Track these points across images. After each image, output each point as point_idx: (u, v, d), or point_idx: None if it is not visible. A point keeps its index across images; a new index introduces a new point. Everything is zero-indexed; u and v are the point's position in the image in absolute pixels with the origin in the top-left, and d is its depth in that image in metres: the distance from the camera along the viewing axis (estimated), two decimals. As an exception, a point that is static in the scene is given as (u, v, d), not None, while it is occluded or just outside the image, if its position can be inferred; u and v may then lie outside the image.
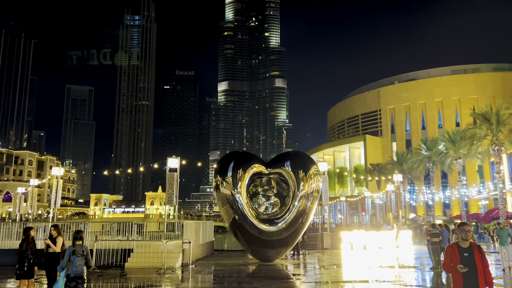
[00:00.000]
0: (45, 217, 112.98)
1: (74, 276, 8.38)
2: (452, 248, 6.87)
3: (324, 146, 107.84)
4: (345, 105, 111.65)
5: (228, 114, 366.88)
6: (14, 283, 15.06)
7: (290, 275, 18.05)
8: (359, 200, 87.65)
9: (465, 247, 6.80)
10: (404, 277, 16.81)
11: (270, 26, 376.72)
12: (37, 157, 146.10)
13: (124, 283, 16.14)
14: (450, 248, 6.92)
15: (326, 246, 29.97)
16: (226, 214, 20.89)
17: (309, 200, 20.42)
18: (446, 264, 6.92)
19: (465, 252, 6.73)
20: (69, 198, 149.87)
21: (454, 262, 6.69)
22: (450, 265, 6.79)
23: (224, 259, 23.98)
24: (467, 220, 56.60)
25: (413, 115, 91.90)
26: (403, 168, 69.88)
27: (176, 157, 25.94)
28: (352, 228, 40.23)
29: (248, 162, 21.01)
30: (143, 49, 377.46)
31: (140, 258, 19.81)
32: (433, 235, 18.45)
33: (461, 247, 6.81)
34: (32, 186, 49.94)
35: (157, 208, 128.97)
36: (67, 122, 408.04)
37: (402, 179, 44.20)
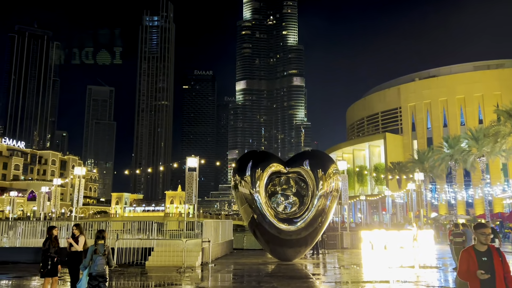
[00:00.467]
0: (68, 215, 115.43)
1: (96, 274, 8.51)
2: (468, 253, 6.11)
3: (343, 144, 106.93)
4: (364, 103, 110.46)
5: (246, 113, 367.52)
6: (39, 281, 15.41)
7: (309, 275, 17.96)
8: (379, 199, 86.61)
9: (482, 250, 6.10)
10: (426, 278, 16.52)
11: (288, 24, 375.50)
12: (60, 157, 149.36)
13: (145, 281, 16.33)
14: (466, 253, 6.14)
15: (346, 246, 29.71)
16: (245, 213, 20.91)
17: (329, 199, 20.26)
18: (462, 271, 6.09)
19: (484, 256, 6.02)
20: (91, 197, 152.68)
21: (472, 268, 5.95)
22: (467, 272, 6.00)
23: (243, 258, 24.03)
24: (491, 219, 55.31)
25: (435, 113, 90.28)
26: (425, 166, 68.75)
27: (195, 156, 26.12)
28: (372, 228, 39.79)
29: (267, 161, 20.98)
30: (162, 49, 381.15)
31: (160, 256, 20.01)
32: (456, 234, 18.06)
33: (478, 251, 6.09)
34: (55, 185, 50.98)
35: (177, 207, 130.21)
36: (89, 122, 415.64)
37: (423, 178, 43.45)
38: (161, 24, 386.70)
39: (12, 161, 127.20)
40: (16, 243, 22.61)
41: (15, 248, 22.03)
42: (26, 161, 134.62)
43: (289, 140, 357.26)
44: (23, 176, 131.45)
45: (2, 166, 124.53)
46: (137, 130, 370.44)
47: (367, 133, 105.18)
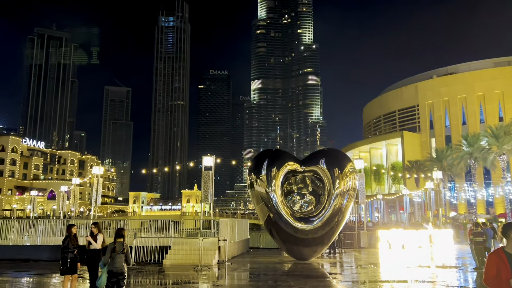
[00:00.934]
0: (86, 214, 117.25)
1: (115, 272, 8.61)
2: (498, 256, 5.14)
3: (360, 143, 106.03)
4: (381, 101, 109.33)
5: (261, 112, 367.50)
6: (59, 278, 15.67)
7: (326, 274, 17.86)
8: (397, 198, 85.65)
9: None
10: (445, 278, 16.25)
11: (302, 23, 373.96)
12: (79, 156, 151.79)
13: (162, 279, 16.47)
14: (496, 256, 5.16)
15: (363, 245, 29.46)
16: (261, 212, 20.90)
17: (345, 198, 20.11)
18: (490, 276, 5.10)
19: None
20: (109, 196, 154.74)
21: (504, 275, 4.97)
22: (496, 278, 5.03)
23: (259, 257, 24.03)
24: None
25: (453, 110, 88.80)
26: (443, 165, 67.76)
27: (210, 155, 26.24)
28: (390, 227, 39.34)
29: (282, 160, 20.93)
30: (178, 49, 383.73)
31: (177, 255, 20.15)
32: (477, 234, 17.73)
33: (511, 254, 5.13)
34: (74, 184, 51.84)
35: (193, 206, 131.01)
36: (106, 123, 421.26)
37: (442, 177, 42.77)
38: (176, 25, 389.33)
39: (32, 161, 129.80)
40: (37, 241, 23.04)
41: (36, 246, 22.47)
42: (46, 161, 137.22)
43: (304, 139, 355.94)
44: (43, 175, 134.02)
45: (23, 166, 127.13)
46: (154, 130, 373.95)
47: (384, 131, 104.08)
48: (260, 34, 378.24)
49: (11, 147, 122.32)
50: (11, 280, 15.96)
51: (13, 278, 16.39)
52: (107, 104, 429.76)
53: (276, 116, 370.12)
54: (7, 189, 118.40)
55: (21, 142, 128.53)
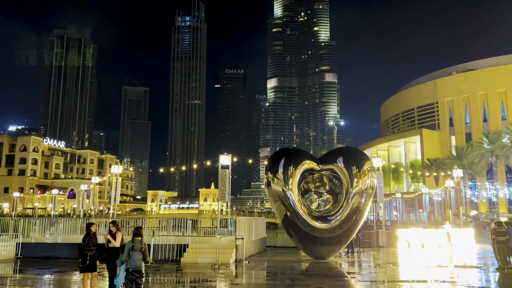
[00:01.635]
0: (106, 213, 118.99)
1: (133, 270, 8.68)
2: None
3: (378, 141, 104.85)
4: (399, 98, 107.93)
5: (277, 110, 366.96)
6: (79, 276, 15.91)
7: (344, 273, 17.70)
8: (416, 197, 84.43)
9: None
10: (466, 278, 15.91)
11: (319, 20, 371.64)
12: (98, 156, 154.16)
13: (181, 277, 16.56)
14: None
15: (381, 244, 29.13)
16: (278, 210, 20.84)
17: (363, 197, 19.89)
18: None
19: None
20: (128, 194, 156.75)
21: None
22: None
23: (276, 255, 23.97)
24: (536, 218, 52.80)
25: (473, 107, 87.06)
26: (463, 163, 66.54)
27: (227, 154, 26.31)
28: (409, 226, 38.80)
29: (299, 158, 20.82)
30: (194, 49, 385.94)
31: (195, 253, 20.25)
32: (499, 233, 17.30)
33: None
34: (94, 183, 52.62)
35: (210, 204, 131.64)
36: (124, 122, 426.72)
37: (462, 175, 41.98)
38: (193, 24, 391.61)
39: (53, 161, 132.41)
40: (58, 239, 23.45)
41: (57, 244, 22.85)
42: (66, 160, 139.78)
43: (321, 137, 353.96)
44: (63, 174, 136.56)
45: (44, 165, 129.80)
46: (171, 129, 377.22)
47: (402, 129, 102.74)
48: (276, 33, 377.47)
49: (33, 147, 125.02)
50: (33, 278, 16.30)
51: (35, 276, 16.73)
52: (125, 104, 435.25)
53: (293, 115, 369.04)
54: (29, 188, 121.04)
55: (42, 142, 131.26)
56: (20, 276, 16.89)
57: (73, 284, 14.85)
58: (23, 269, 18.47)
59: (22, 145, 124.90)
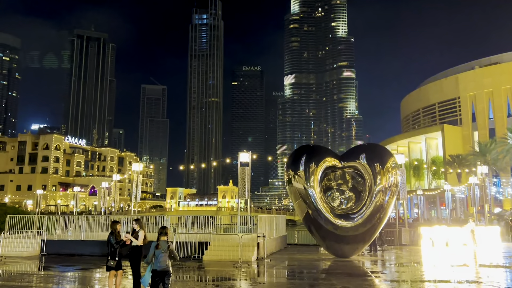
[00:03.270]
0: (126, 210, 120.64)
1: (160, 270, 8.62)
2: None
3: (398, 137, 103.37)
4: (420, 94, 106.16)
5: (295, 107, 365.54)
6: (103, 273, 16.04)
7: (368, 272, 17.40)
8: (437, 194, 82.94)
9: None
10: (493, 278, 15.42)
11: (336, 16, 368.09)
12: (118, 153, 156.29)
13: (203, 275, 16.53)
14: None
15: (404, 242, 28.63)
16: (299, 208, 20.60)
17: (387, 194, 19.50)
18: None
19: None
20: (147, 192, 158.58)
21: None
22: None
23: (298, 253, 23.77)
24: None
25: (497, 102, 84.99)
26: (487, 159, 64.98)
27: (246, 151, 26.21)
28: (432, 224, 38.07)
29: (321, 155, 20.52)
30: (211, 47, 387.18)
31: (216, 251, 20.21)
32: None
33: None
34: (115, 181, 53.19)
35: (229, 201, 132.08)
36: (143, 120, 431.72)
37: (487, 171, 40.94)
38: (209, 22, 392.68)
39: (74, 158, 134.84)
40: (81, 237, 23.72)
41: (80, 241, 23.12)
42: (87, 158, 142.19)
43: (339, 134, 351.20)
44: (85, 172, 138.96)
45: (66, 163, 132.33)
46: (189, 127, 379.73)
47: (423, 125, 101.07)
48: (293, 29, 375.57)
49: (55, 145, 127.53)
50: (58, 275, 16.50)
51: (60, 273, 16.94)
52: (144, 102, 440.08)
53: (310, 111, 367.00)
54: (51, 185, 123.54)
55: (63, 140, 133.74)
56: (45, 273, 17.13)
57: (98, 282, 14.96)
58: (48, 266, 18.74)
59: (45, 144, 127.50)
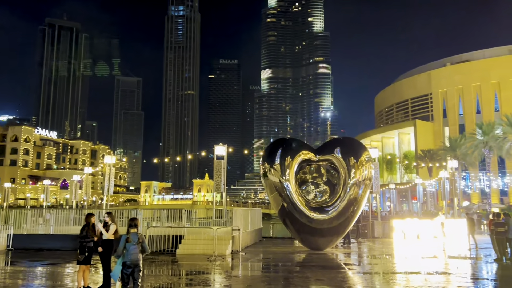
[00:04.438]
0: (99, 203, 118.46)
1: (130, 263, 8.39)
2: None
3: (372, 132, 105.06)
4: (393, 90, 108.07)
5: (271, 101, 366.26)
6: (72, 268, 15.61)
7: (342, 265, 17.57)
8: (409, 188, 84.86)
9: None
10: (463, 269, 15.84)
11: (313, 11, 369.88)
12: (90, 146, 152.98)
13: (176, 269, 16.32)
14: None
15: (377, 235, 29.12)
16: (274, 201, 20.62)
17: (361, 188, 19.71)
18: None
19: None
20: (121, 185, 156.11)
21: None
22: None
23: (273, 246, 23.82)
24: (528, 208, 53.27)
25: (467, 99, 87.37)
26: (457, 154, 66.80)
27: (222, 144, 26.00)
28: (403, 217, 38.89)
29: (296, 149, 20.55)
30: (188, 39, 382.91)
31: (190, 244, 20.00)
32: (498, 224, 17.21)
33: None
34: (87, 174, 52.09)
35: (204, 195, 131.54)
36: (117, 113, 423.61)
37: (457, 166, 42.03)
38: (186, 14, 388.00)
39: (45, 151, 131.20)
40: (50, 231, 23.08)
41: (49, 235, 22.49)
42: (58, 150, 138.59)
43: (315, 129, 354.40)
44: (56, 165, 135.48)
45: (36, 155, 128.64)
46: (165, 120, 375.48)
47: (396, 120, 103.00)
48: (270, 23, 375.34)
49: (24, 137, 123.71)
50: (24, 270, 15.95)
51: (27, 268, 16.38)
52: (118, 94, 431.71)
53: (287, 106, 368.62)
54: (20, 179, 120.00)
55: (33, 132, 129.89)
56: (11, 269, 16.54)
57: (67, 277, 14.54)
58: (14, 261, 18.12)
59: (13, 135, 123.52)
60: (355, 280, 13.96)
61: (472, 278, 13.98)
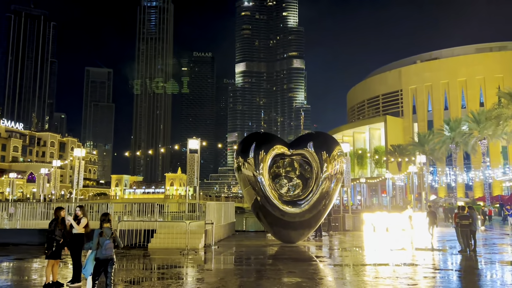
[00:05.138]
0: (67, 197, 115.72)
1: (103, 258, 8.27)
2: None
3: (344, 127, 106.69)
4: (365, 86, 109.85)
5: (245, 95, 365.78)
6: (40, 263, 15.24)
7: (313, 257, 17.85)
8: (379, 182, 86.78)
9: None
10: (430, 260, 16.40)
11: (288, 6, 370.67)
12: (59, 138, 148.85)
13: (148, 263, 16.17)
14: None
15: (347, 228, 29.68)
16: (248, 195, 20.70)
17: (333, 182, 20.03)
18: None
19: None
20: (91, 179, 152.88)
21: None
22: None
23: (245, 240, 23.94)
24: (490, 202, 55.46)
25: (436, 95, 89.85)
26: (425, 149, 68.69)
27: (196, 138, 25.83)
28: (373, 210, 39.79)
29: (270, 143, 20.65)
30: (160, 30, 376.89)
31: (163, 238, 19.86)
32: (463, 217, 17.88)
33: None
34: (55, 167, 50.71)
35: (177, 189, 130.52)
36: (87, 104, 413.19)
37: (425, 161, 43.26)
38: (159, 5, 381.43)
39: (10, 143, 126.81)
40: (17, 225, 22.43)
41: (15, 230, 21.86)
42: (25, 142, 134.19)
43: (288, 123, 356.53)
44: (22, 157, 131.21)
45: (1, 147, 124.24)
46: (136, 112, 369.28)
47: (367, 115, 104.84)
48: (244, 16, 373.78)
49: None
50: (-10, 265, 15.44)
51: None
52: (88, 85, 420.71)
53: (261, 100, 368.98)
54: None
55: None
56: (-24, 264, 15.98)
57: (34, 272, 14.18)
58: (-21, 256, 17.51)
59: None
60: (326, 272, 14.22)
61: (438, 269, 14.49)
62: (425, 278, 12.40)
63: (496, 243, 23.03)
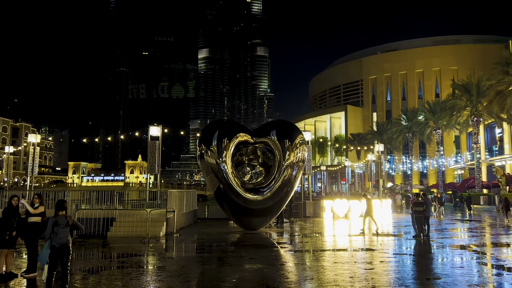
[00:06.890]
0: (21, 185, 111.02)
1: (59, 247, 8.02)
2: None
3: (306, 116, 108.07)
4: (327, 75, 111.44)
5: (208, 82, 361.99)
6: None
7: (275, 244, 18.11)
8: (339, 170, 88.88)
9: None
10: (386, 245, 17.06)
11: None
12: (12, 124, 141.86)
13: (107, 252, 15.87)
14: None
15: (308, 214, 30.28)
16: (210, 183, 20.65)
17: (295, 169, 20.30)
18: None
19: None
20: (46, 166, 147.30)
21: None
22: None
23: (208, 227, 23.94)
24: (443, 189, 58.16)
25: (394, 86, 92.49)
26: (383, 138, 70.87)
27: (157, 125, 25.38)
28: (333, 197, 40.75)
29: (234, 131, 20.61)
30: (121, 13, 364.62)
31: (123, 227, 19.50)
32: (417, 204, 18.67)
33: None
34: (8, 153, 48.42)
35: (137, 177, 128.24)
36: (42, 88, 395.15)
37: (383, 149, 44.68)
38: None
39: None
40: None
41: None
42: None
43: (251, 111, 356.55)
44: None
45: None
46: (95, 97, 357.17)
47: (329, 105, 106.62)
48: (208, 1, 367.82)
49: None
50: None
51: None
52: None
53: (224, 87, 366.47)
54: None
55: None
56: None
57: (-14, 263, 13.56)
58: None
59: None
60: (287, 257, 14.48)
61: (394, 253, 15.09)
62: (382, 262, 12.88)
63: (447, 228, 24.24)
